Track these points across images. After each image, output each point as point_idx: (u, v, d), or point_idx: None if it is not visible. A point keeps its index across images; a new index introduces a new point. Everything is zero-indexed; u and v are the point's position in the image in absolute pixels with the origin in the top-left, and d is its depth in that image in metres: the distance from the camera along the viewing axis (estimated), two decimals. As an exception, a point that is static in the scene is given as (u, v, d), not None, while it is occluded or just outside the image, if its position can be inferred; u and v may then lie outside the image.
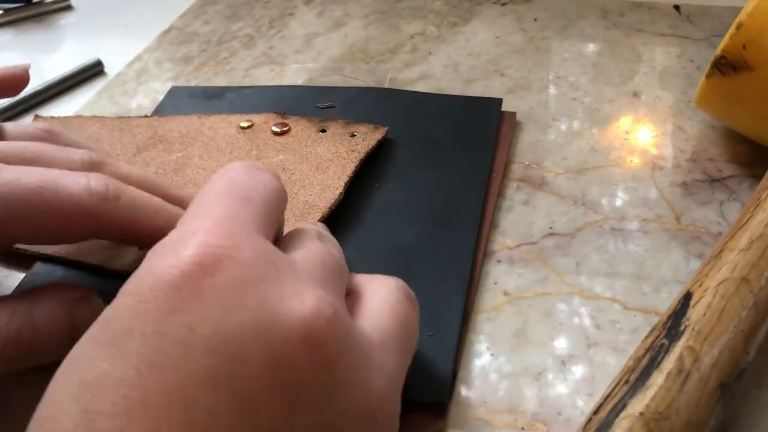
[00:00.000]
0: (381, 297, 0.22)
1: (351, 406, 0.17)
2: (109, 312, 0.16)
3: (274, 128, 0.40)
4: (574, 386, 0.27)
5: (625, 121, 0.42)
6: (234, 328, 0.16)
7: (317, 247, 0.21)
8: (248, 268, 0.17)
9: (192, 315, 0.16)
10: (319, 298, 0.17)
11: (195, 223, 0.18)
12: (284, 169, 0.37)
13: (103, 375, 0.15)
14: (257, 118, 0.41)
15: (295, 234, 0.22)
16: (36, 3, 0.62)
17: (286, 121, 0.40)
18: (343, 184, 0.35)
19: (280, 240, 0.22)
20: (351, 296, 0.23)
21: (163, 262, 0.16)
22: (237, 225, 0.18)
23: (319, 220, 0.33)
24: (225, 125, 0.41)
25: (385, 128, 0.39)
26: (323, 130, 0.39)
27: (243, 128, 0.40)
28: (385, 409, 0.19)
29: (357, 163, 0.37)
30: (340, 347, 0.17)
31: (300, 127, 0.40)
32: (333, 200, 0.34)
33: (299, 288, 0.17)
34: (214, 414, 0.15)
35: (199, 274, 0.16)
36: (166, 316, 0.16)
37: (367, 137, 0.38)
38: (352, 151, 0.37)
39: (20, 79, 0.30)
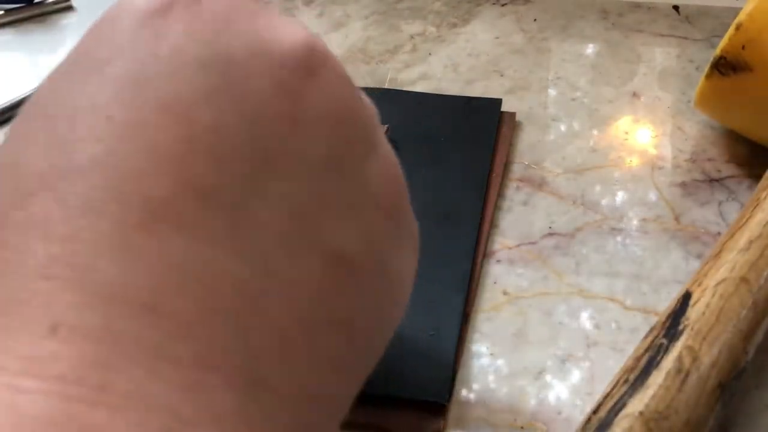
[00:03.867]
0: None
1: (359, 130, 0.17)
2: (84, 43, 0.15)
3: None
4: (574, 386, 0.27)
5: (624, 122, 0.42)
6: (228, 48, 0.15)
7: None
8: (236, 1, 0.16)
9: (179, 38, 0.14)
10: (311, 37, 0.16)
11: None
12: None
13: (90, 100, 0.14)
14: None
15: None
16: (37, 3, 0.62)
17: None
18: None
19: None
20: None
21: None
22: None
23: None
24: None
25: (386, 126, 0.39)
26: None
27: None
28: (384, 142, 0.18)
29: None
30: (337, 74, 0.16)
31: None
32: None
33: (288, 23, 0.16)
34: (222, 131, 0.14)
35: (187, 1, 0.15)
36: (151, 41, 0.14)
37: None
38: None
39: None
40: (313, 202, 0.15)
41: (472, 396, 0.27)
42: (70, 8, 0.62)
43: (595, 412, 0.23)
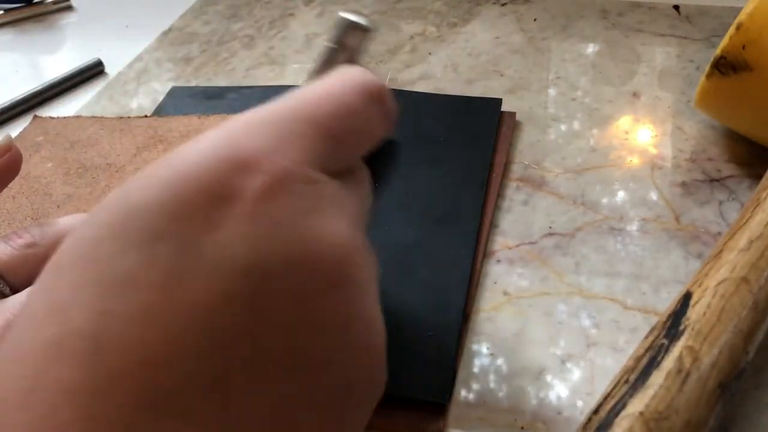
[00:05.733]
0: None
1: (360, 335, 0.17)
2: (141, 204, 0.15)
3: None
4: (574, 386, 0.27)
5: (624, 122, 0.42)
6: (266, 256, 0.15)
7: (364, 184, 0.21)
8: (294, 199, 0.16)
9: (228, 234, 0.15)
10: (353, 235, 0.17)
11: (259, 137, 0.17)
12: None
13: (128, 276, 0.14)
14: None
15: (359, 165, 0.21)
16: (36, 3, 0.62)
17: None
18: None
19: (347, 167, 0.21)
20: None
21: (211, 166, 0.16)
22: (301, 154, 0.17)
23: None
24: None
25: None
26: None
27: None
28: (377, 330, 0.19)
29: None
30: (360, 286, 0.17)
31: None
32: None
33: (339, 223, 0.17)
34: (230, 336, 0.15)
35: (244, 194, 0.16)
36: (202, 228, 0.15)
37: None
38: None
39: (14, 162, 0.28)
40: (295, 400, 0.16)
41: (472, 396, 0.27)
42: (70, 8, 0.62)
43: (595, 412, 0.23)
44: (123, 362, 0.14)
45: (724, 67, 0.33)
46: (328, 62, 0.23)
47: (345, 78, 0.19)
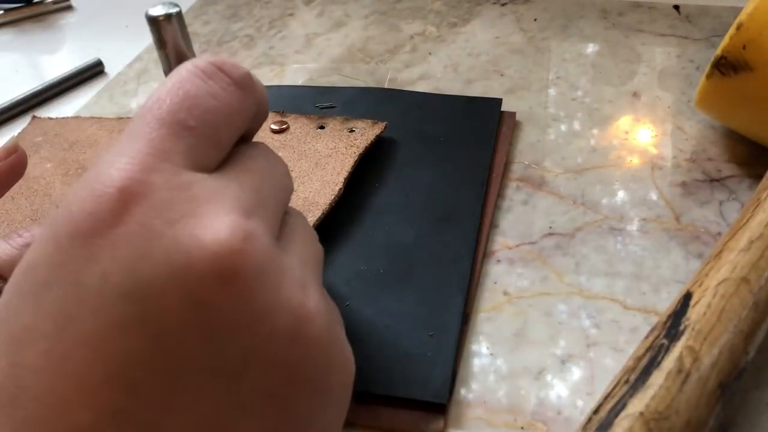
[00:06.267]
0: None
1: (276, 326, 0.17)
2: (32, 257, 0.16)
3: (273, 126, 0.40)
4: (574, 386, 0.27)
5: (624, 121, 0.42)
6: (147, 274, 0.16)
7: (259, 166, 0.20)
8: (162, 210, 0.16)
9: (106, 263, 0.16)
10: (234, 227, 0.16)
11: (117, 158, 0.17)
12: None
13: (26, 328, 0.15)
14: None
15: (246, 149, 0.21)
16: (36, 3, 0.62)
17: (284, 119, 0.40)
18: (342, 180, 0.35)
19: (240, 146, 0.21)
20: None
21: (80, 205, 0.16)
22: (160, 162, 0.17)
23: (319, 217, 0.33)
24: None
25: (384, 123, 0.39)
26: (322, 127, 0.39)
27: None
28: (312, 320, 0.18)
29: (356, 159, 0.37)
30: (257, 277, 0.16)
31: (298, 125, 0.40)
32: (333, 196, 0.34)
33: (215, 220, 0.17)
34: (136, 359, 0.15)
35: (112, 221, 0.16)
36: (82, 265, 0.16)
37: (365, 132, 0.38)
38: (351, 146, 0.37)
39: (19, 164, 0.29)
40: (225, 405, 0.16)
41: (471, 396, 0.27)
42: (69, 8, 0.62)
43: (595, 412, 0.23)
44: (38, 410, 0.15)
45: (725, 67, 0.33)
46: (166, 63, 0.24)
47: (175, 73, 0.19)
